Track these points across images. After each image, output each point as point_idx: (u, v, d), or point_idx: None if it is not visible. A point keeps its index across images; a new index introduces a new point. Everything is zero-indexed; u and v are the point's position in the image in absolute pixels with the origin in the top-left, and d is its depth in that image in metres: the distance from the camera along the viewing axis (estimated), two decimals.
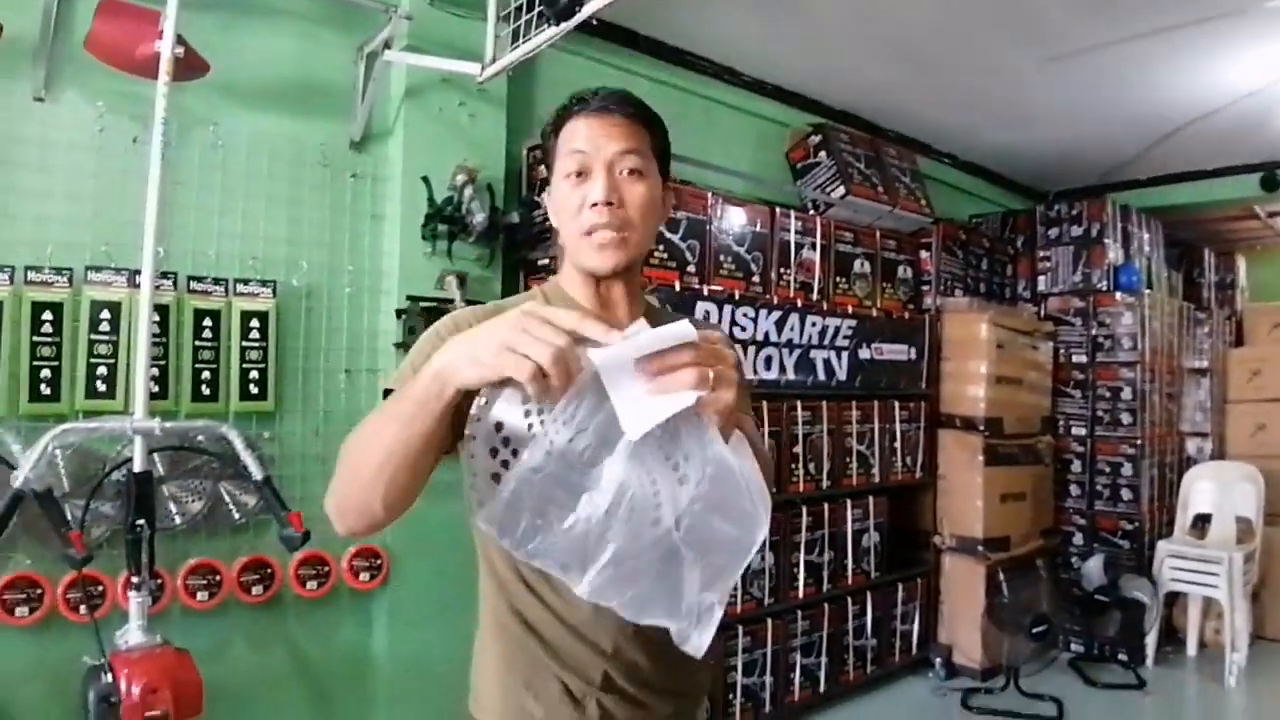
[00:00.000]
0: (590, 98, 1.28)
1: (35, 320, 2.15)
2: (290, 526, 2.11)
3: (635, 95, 1.34)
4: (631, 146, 1.26)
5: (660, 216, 1.32)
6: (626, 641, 1.23)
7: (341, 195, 2.60)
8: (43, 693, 2.16)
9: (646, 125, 1.30)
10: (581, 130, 1.26)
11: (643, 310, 1.34)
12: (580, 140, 1.25)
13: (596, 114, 1.26)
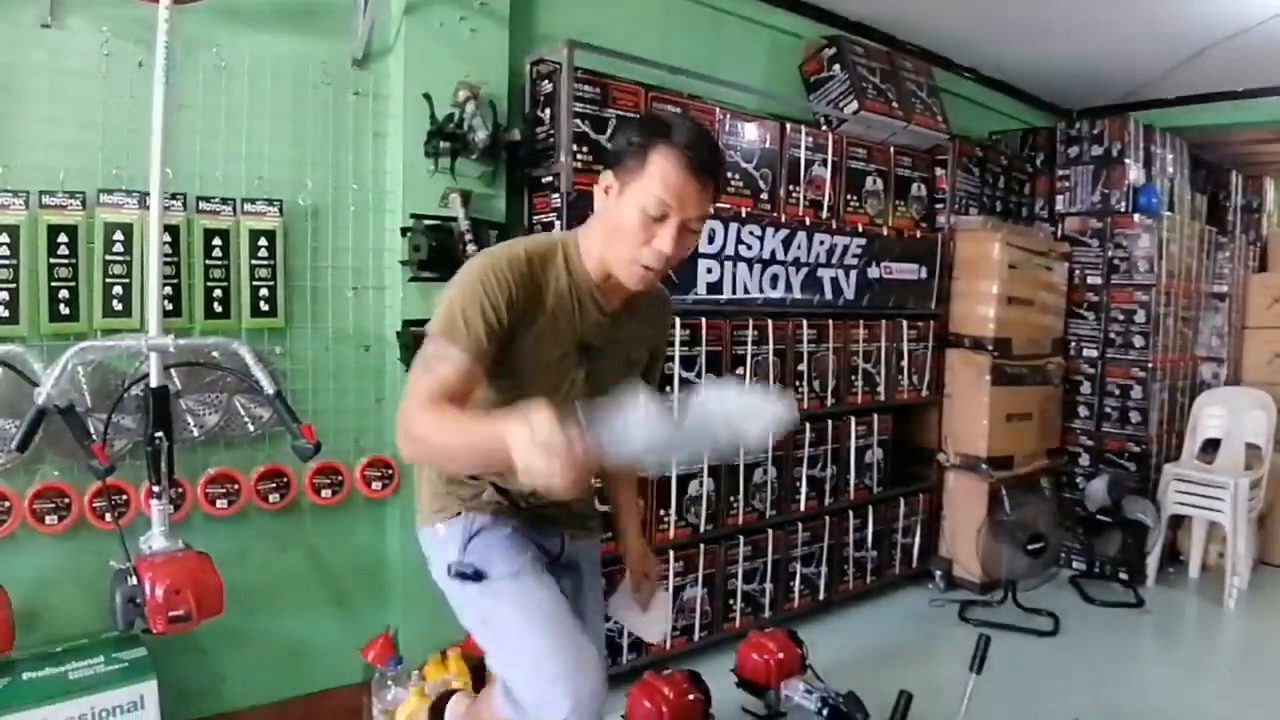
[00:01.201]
0: (694, 150, 1.44)
1: (51, 243, 2.20)
2: (302, 438, 2.20)
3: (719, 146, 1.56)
4: (705, 211, 1.49)
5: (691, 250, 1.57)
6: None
7: (344, 114, 2.60)
8: (72, 595, 2.29)
9: (718, 187, 1.53)
10: (674, 183, 1.44)
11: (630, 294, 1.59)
12: (670, 194, 1.44)
13: (693, 174, 1.44)
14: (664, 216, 1.46)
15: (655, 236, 1.47)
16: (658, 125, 1.51)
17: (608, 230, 1.53)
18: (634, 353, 1.73)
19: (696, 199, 1.47)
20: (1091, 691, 3.15)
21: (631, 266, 1.50)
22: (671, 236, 1.46)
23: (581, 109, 2.80)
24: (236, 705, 2.55)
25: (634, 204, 1.46)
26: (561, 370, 1.60)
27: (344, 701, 2.70)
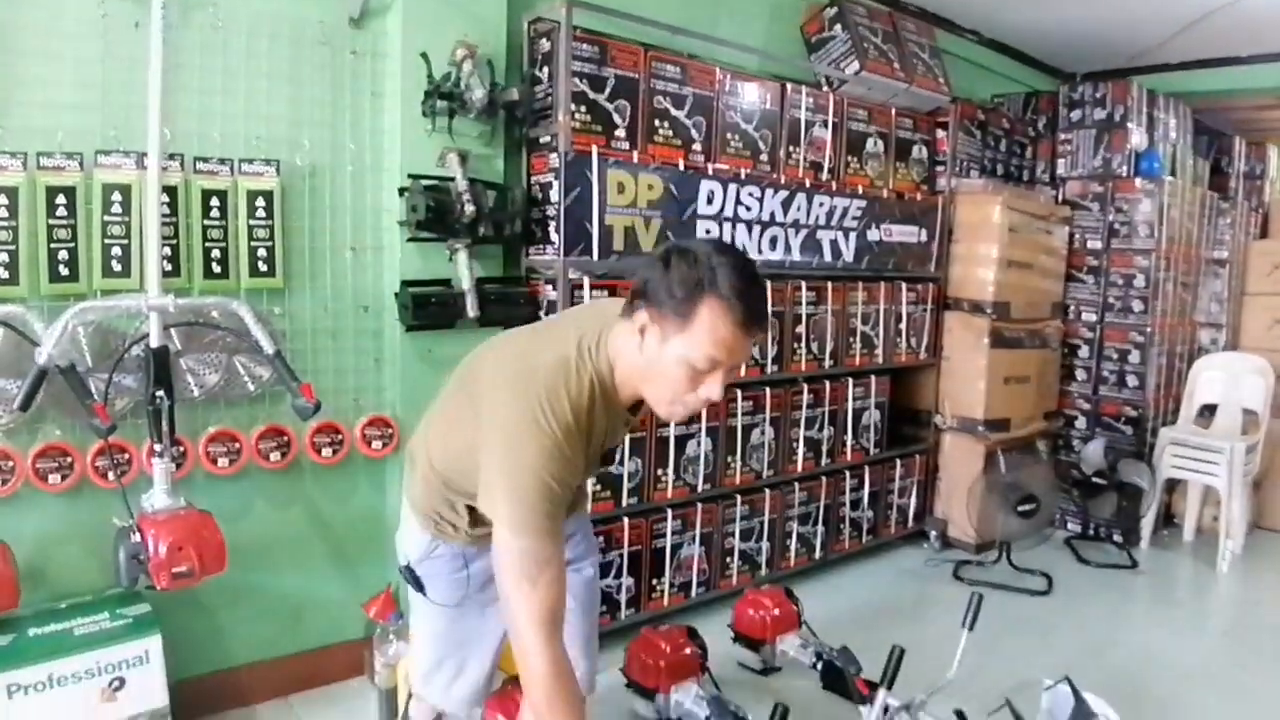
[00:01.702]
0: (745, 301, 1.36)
1: (50, 204, 2.20)
2: (302, 397, 2.21)
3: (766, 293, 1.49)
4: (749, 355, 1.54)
5: None
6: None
7: (341, 73, 2.58)
8: (77, 553, 2.31)
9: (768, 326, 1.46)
10: (727, 338, 1.37)
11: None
12: (725, 352, 1.37)
13: (745, 329, 1.38)
14: (715, 369, 1.41)
15: (702, 385, 1.42)
16: (702, 269, 1.38)
17: (646, 372, 1.45)
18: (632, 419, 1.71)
19: (746, 347, 1.43)
20: (1083, 649, 3.20)
21: (673, 408, 1.48)
22: (720, 385, 1.42)
23: (580, 68, 2.78)
24: (240, 660, 2.59)
25: (680, 355, 1.39)
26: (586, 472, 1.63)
27: (346, 656, 2.75)
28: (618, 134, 2.91)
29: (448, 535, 1.69)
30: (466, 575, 1.70)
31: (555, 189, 2.75)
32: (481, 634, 1.77)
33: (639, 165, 2.92)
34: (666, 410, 1.49)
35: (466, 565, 1.71)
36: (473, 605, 1.75)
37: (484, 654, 1.79)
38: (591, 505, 2.92)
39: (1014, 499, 3.83)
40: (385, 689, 2.57)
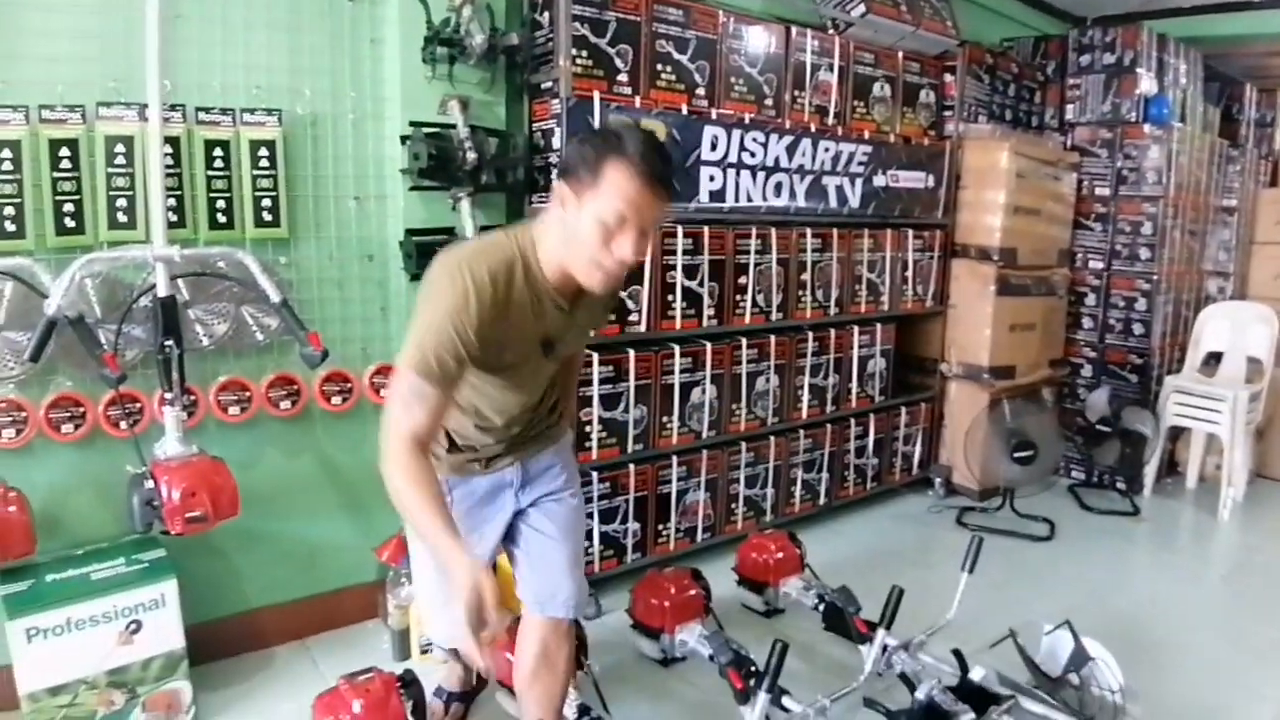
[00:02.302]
0: (648, 161, 1.50)
1: (54, 156, 2.20)
2: (310, 345, 2.24)
3: (670, 156, 1.60)
4: (660, 215, 1.57)
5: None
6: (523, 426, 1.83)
7: (340, 21, 2.55)
8: (91, 501, 2.36)
9: (673, 193, 1.59)
10: (632, 195, 1.50)
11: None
12: (628, 205, 1.50)
13: (648, 185, 1.51)
14: (623, 225, 1.52)
15: (615, 243, 1.53)
16: (610, 138, 1.55)
17: (567, 239, 1.58)
18: (590, 327, 1.87)
19: (652, 207, 1.54)
20: (1084, 594, 3.25)
21: (593, 272, 1.58)
22: (631, 243, 1.53)
23: (580, 11, 2.74)
24: (255, 604, 2.65)
25: (592, 216, 1.52)
26: (527, 364, 1.72)
27: (359, 599, 2.81)
28: (619, 79, 2.88)
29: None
30: (450, 500, 1.78)
31: (557, 135, 2.73)
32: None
33: (641, 110, 2.89)
34: (587, 274, 1.58)
35: (449, 492, 1.80)
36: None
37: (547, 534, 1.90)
38: (597, 452, 2.97)
39: (1012, 445, 3.85)
40: (398, 630, 2.64)
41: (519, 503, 1.92)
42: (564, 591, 1.89)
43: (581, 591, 1.94)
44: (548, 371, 1.81)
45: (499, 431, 1.83)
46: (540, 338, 1.69)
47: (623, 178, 1.50)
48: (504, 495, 1.91)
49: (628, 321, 2.98)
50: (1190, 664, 2.79)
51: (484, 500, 1.91)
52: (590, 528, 2.99)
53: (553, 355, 1.75)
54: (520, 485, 1.91)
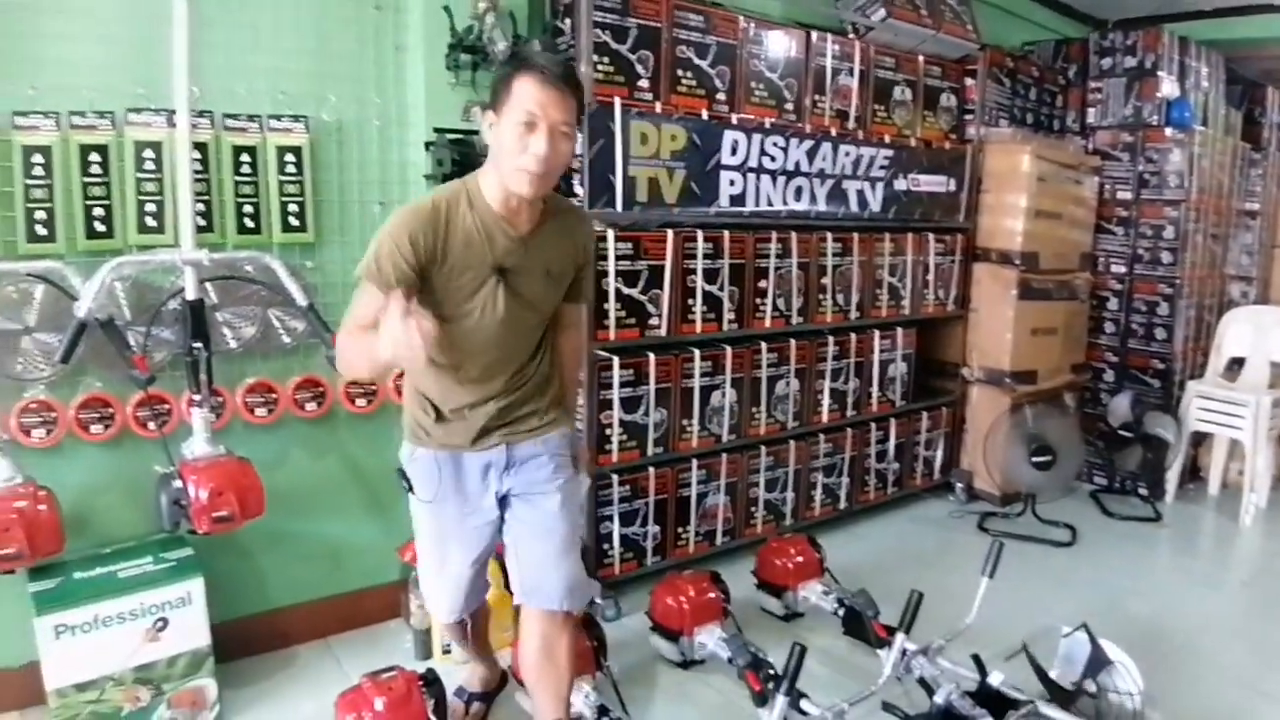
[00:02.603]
0: (547, 65, 1.69)
1: (84, 162, 2.24)
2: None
3: (575, 70, 1.82)
4: (568, 118, 1.71)
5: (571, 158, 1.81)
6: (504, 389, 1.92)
7: (365, 28, 2.59)
8: (120, 500, 2.40)
9: (579, 97, 1.74)
10: (535, 95, 1.67)
11: (542, 215, 1.85)
12: (533, 104, 1.67)
13: (551, 85, 1.68)
14: (534, 125, 1.68)
15: (530, 143, 1.68)
16: (515, 58, 1.79)
17: (495, 154, 1.76)
18: (553, 267, 1.91)
19: (558, 104, 1.69)
20: (1105, 599, 3.23)
21: (518, 174, 1.71)
22: (544, 139, 1.68)
23: (601, 18, 2.77)
24: (280, 603, 2.69)
25: (509, 123, 1.69)
26: (480, 291, 1.81)
27: (382, 599, 2.84)
28: (640, 84, 2.90)
29: (423, 441, 1.95)
30: (439, 475, 1.94)
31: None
32: (458, 535, 2.01)
33: (662, 116, 2.91)
34: (515, 179, 1.72)
35: (439, 469, 1.95)
36: (449, 506, 1.98)
37: (461, 553, 2.02)
38: (618, 455, 2.98)
39: (1031, 450, 3.83)
40: (420, 629, 2.67)
41: (503, 486, 1.97)
42: (549, 584, 1.95)
43: (572, 583, 1.97)
44: (522, 320, 1.88)
45: (483, 391, 1.91)
46: (493, 263, 1.80)
47: (527, 85, 1.68)
48: (490, 475, 1.97)
49: (648, 325, 2.99)
50: (1211, 670, 2.77)
51: (472, 479, 1.97)
52: (610, 530, 3.01)
53: (507, 284, 1.82)
54: (505, 467, 1.96)
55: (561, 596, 1.96)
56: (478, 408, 1.91)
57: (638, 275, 2.93)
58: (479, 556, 2.05)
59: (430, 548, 2.06)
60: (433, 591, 2.12)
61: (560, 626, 1.98)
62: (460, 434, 1.93)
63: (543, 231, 1.86)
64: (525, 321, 1.90)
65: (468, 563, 2.03)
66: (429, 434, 1.94)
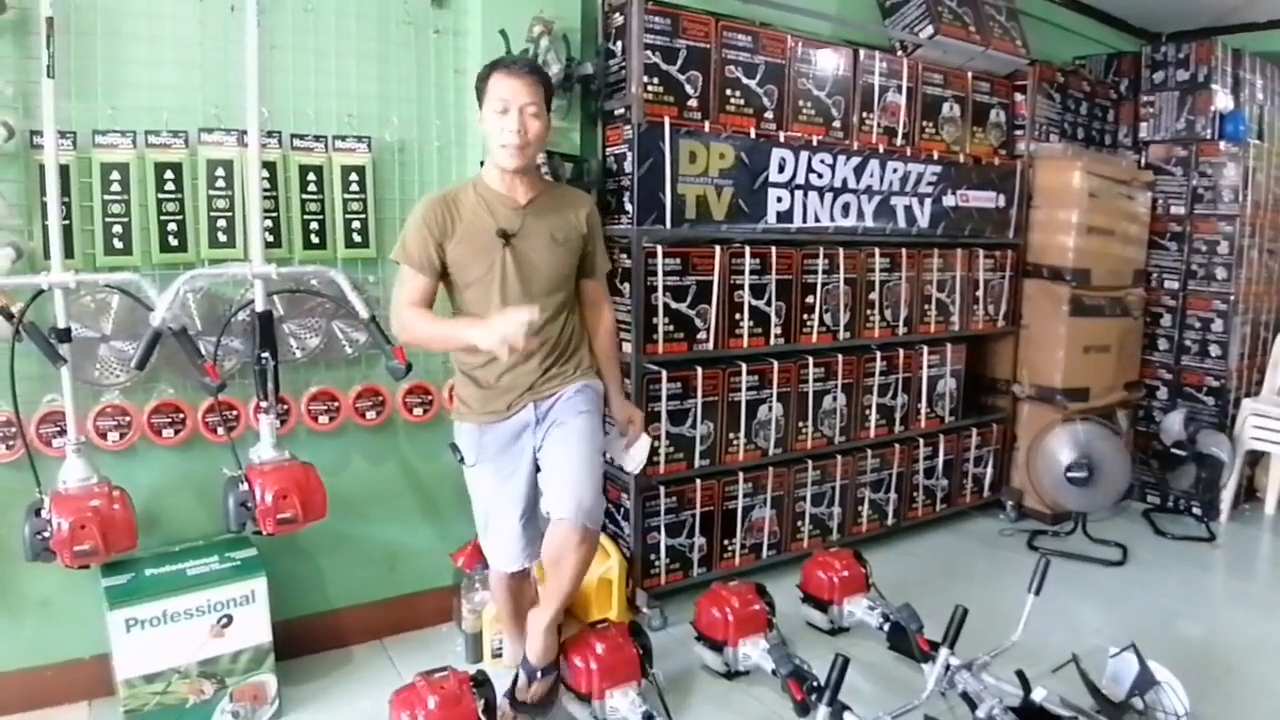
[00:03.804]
0: (512, 62, 2.14)
1: (159, 179, 2.36)
2: (395, 359, 2.36)
3: (535, 62, 2.37)
4: (535, 100, 2.11)
5: (547, 137, 2.22)
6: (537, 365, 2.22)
7: (425, 52, 2.70)
8: (189, 501, 2.51)
9: (543, 84, 2.15)
10: (505, 84, 2.09)
11: (538, 190, 2.23)
12: (505, 91, 2.09)
13: (516, 75, 2.09)
14: (505, 110, 2.08)
15: (504, 125, 2.08)
16: (491, 62, 2.18)
17: (485, 140, 2.17)
18: (557, 234, 2.23)
19: (524, 89, 2.09)
20: (1154, 620, 3.18)
21: (501, 150, 2.11)
22: (515, 117, 2.08)
23: (652, 40, 2.84)
24: (339, 604, 2.78)
25: (489, 112, 2.12)
26: (490, 253, 2.16)
27: (436, 602, 2.92)
28: (689, 104, 2.96)
29: (466, 416, 2.27)
30: (481, 443, 2.25)
31: (629, 160, 2.82)
32: (500, 498, 2.27)
33: (710, 135, 2.97)
34: (499, 153, 2.12)
35: (481, 436, 2.25)
36: (491, 470, 2.27)
37: (506, 515, 2.27)
38: (665, 466, 3.03)
39: (1066, 465, 3.80)
40: (471, 634, 2.73)
41: (536, 439, 2.25)
42: (564, 497, 2.15)
43: (582, 500, 2.14)
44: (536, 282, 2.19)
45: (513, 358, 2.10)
46: (496, 230, 2.15)
47: (497, 79, 2.10)
48: (525, 435, 2.25)
49: (696, 340, 3.04)
50: (1262, 695, 2.71)
51: (510, 442, 2.25)
52: (656, 541, 3.06)
53: (514, 247, 2.16)
54: (536, 423, 2.24)
55: (573, 509, 2.13)
56: (510, 373, 2.19)
57: (686, 290, 2.98)
58: (525, 509, 2.28)
59: (484, 508, 2.33)
60: (492, 546, 2.34)
61: (567, 537, 2.14)
62: (497, 400, 2.22)
63: (541, 202, 2.22)
64: (540, 284, 2.20)
65: (516, 517, 2.27)
66: (471, 407, 2.25)
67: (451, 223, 2.14)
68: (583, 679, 2.33)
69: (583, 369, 2.32)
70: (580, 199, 2.37)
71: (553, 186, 2.36)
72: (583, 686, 2.33)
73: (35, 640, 2.36)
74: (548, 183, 2.36)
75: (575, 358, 2.31)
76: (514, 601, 2.44)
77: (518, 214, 2.18)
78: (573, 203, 2.32)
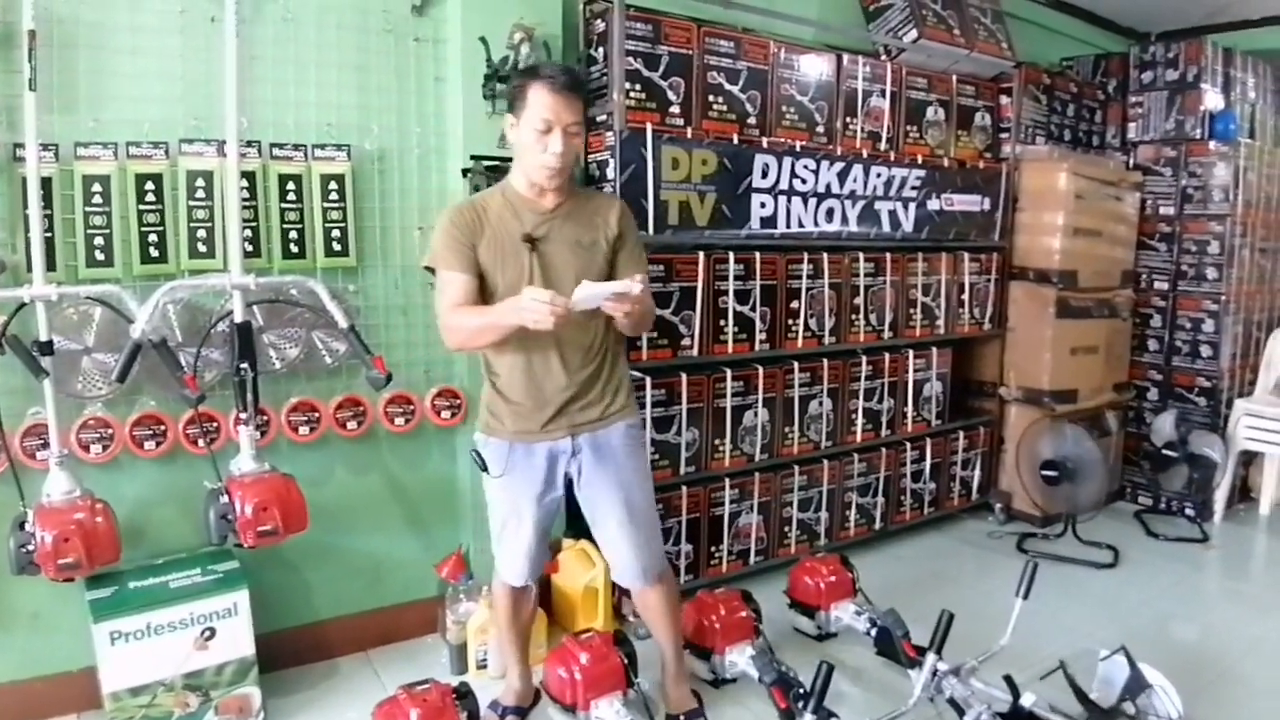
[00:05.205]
0: (557, 77, 2.00)
1: (140, 190, 2.36)
2: (375, 369, 2.35)
3: (580, 76, 2.19)
4: (577, 119, 2.03)
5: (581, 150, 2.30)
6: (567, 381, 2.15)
7: (405, 60, 2.69)
8: (171, 513, 2.50)
9: (584, 98, 2.08)
10: (549, 102, 1.98)
11: (566, 195, 2.14)
12: (548, 111, 1.98)
13: (560, 93, 1.98)
14: (549, 129, 1.99)
15: (547, 143, 1.99)
16: (529, 70, 2.11)
17: (518, 153, 2.10)
18: (582, 238, 2.15)
19: (567, 108, 1.99)
20: (1146, 622, 3.18)
21: (539, 170, 2.04)
22: (559, 139, 1.99)
23: (634, 47, 2.84)
24: (322, 616, 2.77)
25: (527, 128, 2.01)
26: (516, 258, 2.09)
27: (420, 613, 2.91)
28: (672, 110, 2.96)
29: (495, 431, 2.21)
30: (511, 459, 2.19)
31: (611, 166, 2.82)
32: (525, 509, 2.24)
33: (693, 141, 2.97)
34: (535, 172, 2.05)
35: (511, 452, 2.19)
36: (517, 485, 2.22)
37: (523, 527, 2.26)
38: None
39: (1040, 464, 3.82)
40: (456, 645, 2.72)
41: (571, 469, 2.22)
42: (627, 566, 2.29)
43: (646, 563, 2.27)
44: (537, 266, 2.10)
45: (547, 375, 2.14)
46: (521, 234, 2.09)
47: (539, 92, 1.98)
48: (559, 462, 2.21)
49: (680, 346, 3.04)
50: (1257, 697, 2.70)
51: (540, 463, 2.20)
52: None
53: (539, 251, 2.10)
54: (572, 454, 2.20)
55: (636, 576, 2.28)
56: (544, 392, 2.14)
57: (669, 297, 2.97)
58: (543, 528, 2.30)
59: (501, 519, 2.30)
60: (503, 558, 2.33)
61: (647, 597, 2.33)
62: (529, 419, 2.16)
63: (567, 208, 2.14)
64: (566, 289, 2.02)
65: (533, 533, 2.27)
66: (503, 424, 2.19)
67: (479, 226, 2.09)
68: (567, 689, 2.32)
69: (622, 401, 2.24)
70: (610, 202, 2.27)
71: (582, 192, 2.29)
72: (567, 697, 2.32)
73: (25, 653, 2.36)
74: (577, 188, 2.27)
75: (614, 381, 2.24)
76: (512, 611, 2.42)
77: (544, 219, 2.12)
78: (601, 207, 2.22)
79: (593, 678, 2.30)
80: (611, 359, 2.23)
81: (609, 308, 1.95)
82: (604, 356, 2.21)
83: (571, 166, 2.11)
